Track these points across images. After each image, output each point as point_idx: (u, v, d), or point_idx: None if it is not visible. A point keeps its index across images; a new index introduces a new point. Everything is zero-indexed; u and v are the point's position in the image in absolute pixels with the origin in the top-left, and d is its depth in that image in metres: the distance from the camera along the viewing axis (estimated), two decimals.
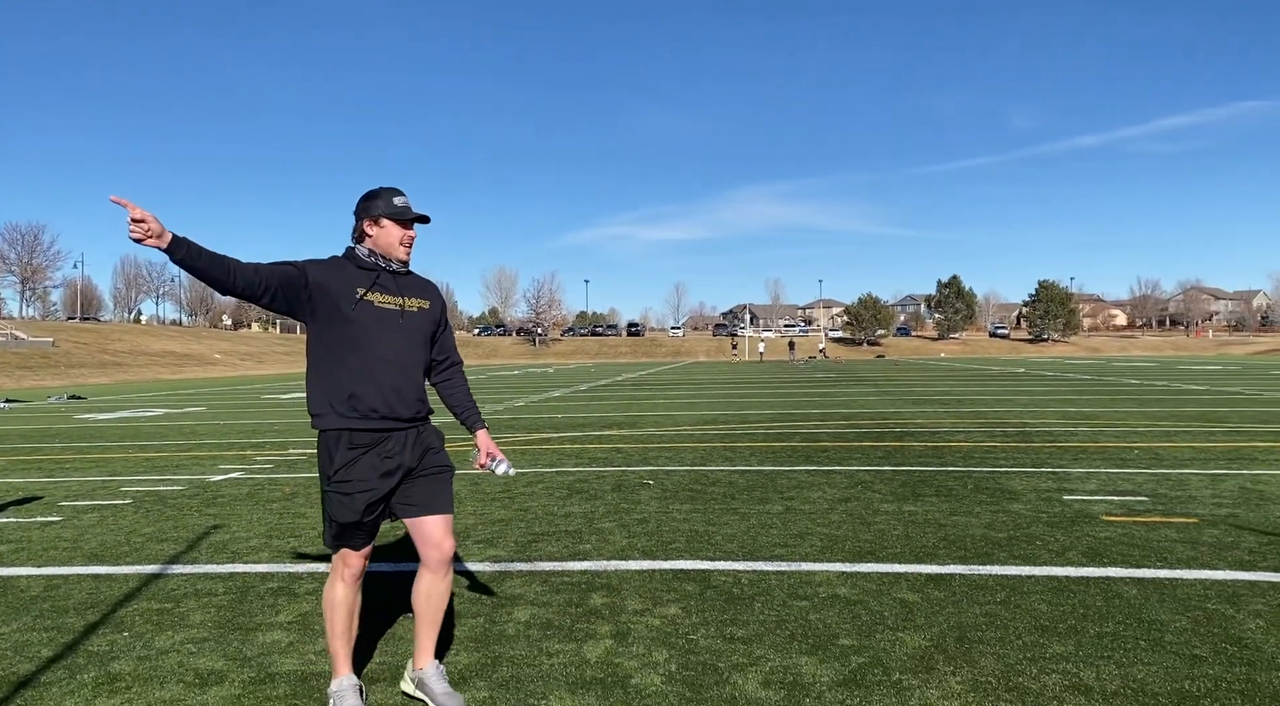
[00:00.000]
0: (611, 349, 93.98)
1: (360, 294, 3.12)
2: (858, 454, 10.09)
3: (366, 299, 3.13)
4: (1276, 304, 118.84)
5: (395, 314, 3.18)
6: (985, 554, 5.33)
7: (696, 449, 10.87)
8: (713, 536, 5.94)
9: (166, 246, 2.73)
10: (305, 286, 3.07)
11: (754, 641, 3.90)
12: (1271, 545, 5.42)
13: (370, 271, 3.18)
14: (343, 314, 3.08)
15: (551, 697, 3.33)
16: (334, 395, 3.09)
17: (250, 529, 6.46)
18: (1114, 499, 7.02)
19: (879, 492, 7.49)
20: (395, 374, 3.14)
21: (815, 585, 4.75)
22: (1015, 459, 9.44)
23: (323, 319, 3.11)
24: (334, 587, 3.25)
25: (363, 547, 3.22)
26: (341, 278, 3.13)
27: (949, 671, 3.51)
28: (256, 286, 2.94)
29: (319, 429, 3.13)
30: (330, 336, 3.11)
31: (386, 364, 3.12)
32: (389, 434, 3.15)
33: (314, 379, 3.16)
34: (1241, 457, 9.27)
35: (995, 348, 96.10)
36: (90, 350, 55.86)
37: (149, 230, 2.69)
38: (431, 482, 3.25)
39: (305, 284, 3.06)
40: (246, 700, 3.34)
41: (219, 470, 9.70)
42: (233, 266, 2.89)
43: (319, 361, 3.15)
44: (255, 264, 2.98)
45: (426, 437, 3.27)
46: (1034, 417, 14.46)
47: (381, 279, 3.19)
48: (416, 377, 3.24)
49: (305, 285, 3.07)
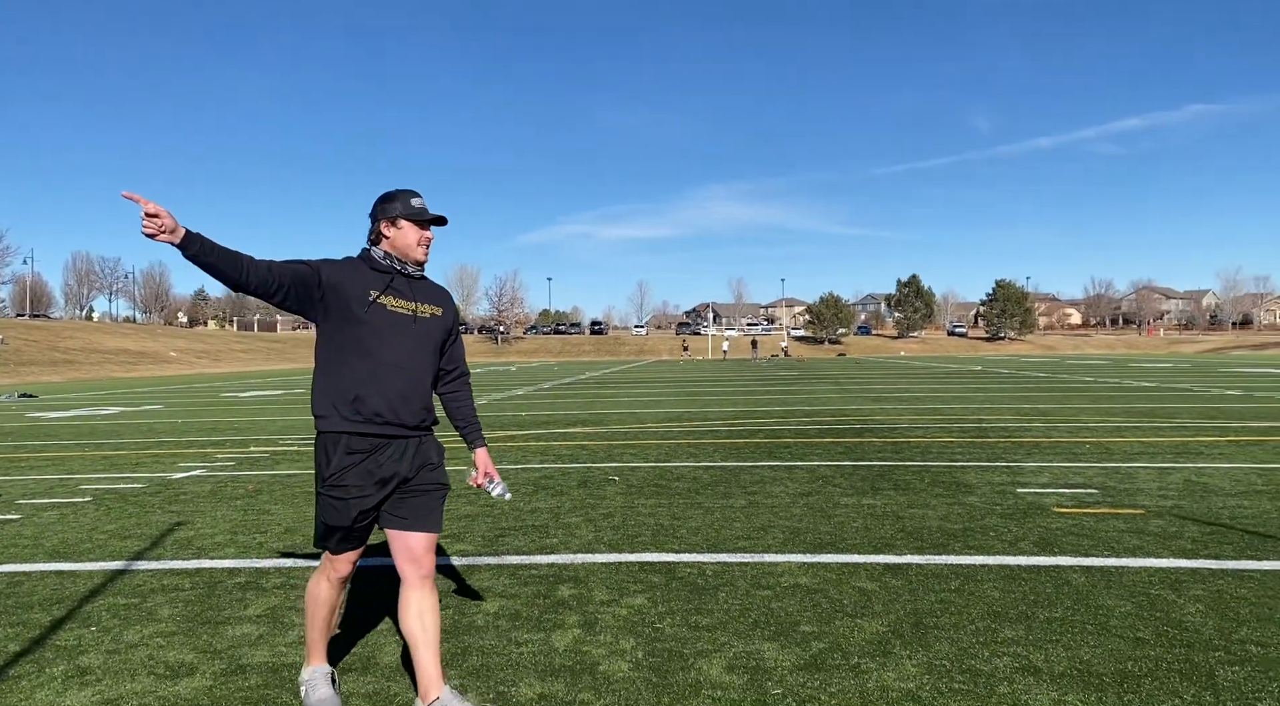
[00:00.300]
0: (575, 347, 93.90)
1: (374, 296, 3.06)
2: (819, 449, 10.26)
3: (379, 301, 3.07)
4: (1225, 303, 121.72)
5: (408, 318, 3.12)
6: (941, 544, 5.50)
7: (661, 445, 10.98)
8: (677, 530, 6.04)
9: (180, 242, 2.70)
10: (318, 285, 3.02)
11: (718, 629, 4.00)
12: (1212, 534, 5.64)
13: (385, 274, 3.12)
14: (354, 315, 3.03)
15: (521, 684, 3.41)
16: (338, 397, 3.04)
17: (215, 525, 6.44)
18: (1065, 491, 7.24)
19: (839, 486, 7.65)
20: (403, 379, 3.08)
21: (777, 575, 4.87)
22: (971, 453, 9.67)
23: (334, 319, 3.06)
24: (319, 584, 3.23)
25: (351, 552, 3.17)
26: (355, 278, 3.07)
27: (905, 655, 3.64)
28: (269, 284, 2.91)
29: (320, 430, 3.09)
30: (340, 338, 3.06)
31: (395, 368, 3.06)
32: (389, 441, 3.08)
33: (320, 380, 3.11)
34: (1188, 452, 9.58)
35: (954, 346, 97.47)
36: (41, 348, 54.67)
37: (162, 225, 2.65)
38: (425, 499, 3.15)
39: (319, 283, 3.02)
40: (218, 691, 3.38)
41: (180, 468, 9.62)
42: (246, 263, 2.86)
43: (327, 362, 3.10)
44: (269, 261, 2.94)
45: (426, 450, 3.18)
46: (990, 414, 14.77)
47: (396, 282, 3.13)
48: (425, 385, 3.17)
49: (318, 284, 3.02)
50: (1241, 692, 3.21)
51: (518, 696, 3.31)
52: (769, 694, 3.28)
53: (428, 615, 3.10)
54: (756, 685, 3.36)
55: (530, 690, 3.36)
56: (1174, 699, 3.17)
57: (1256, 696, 3.18)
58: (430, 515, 3.16)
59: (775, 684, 3.37)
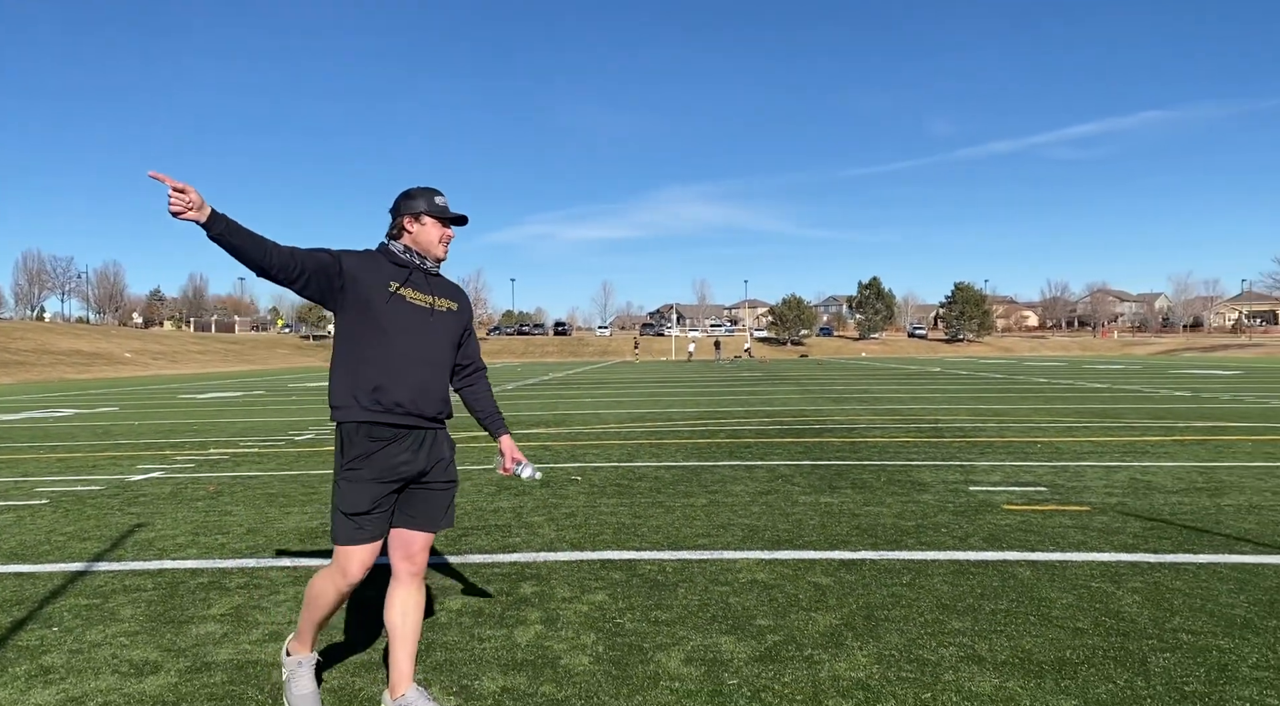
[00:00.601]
0: (538, 348, 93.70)
1: (394, 288, 3.10)
2: (779, 449, 10.43)
3: (399, 294, 3.10)
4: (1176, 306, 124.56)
5: (426, 312, 3.16)
6: (894, 540, 5.66)
7: (623, 446, 11.08)
8: (639, 528, 6.15)
9: (205, 220, 2.68)
10: (339, 274, 3.02)
11: (677, 623, 4.11)
12: (1153, 530, 5.87)
13: (404, 268, 3.16)
14: (374, 307, 3.06)
15: (484, 678, 3.50)
16: (359, 388, 3.05)
17: (176, 526, 6.43)
18: (1015, 489, 7.46)
19: (798, 485, 7.81)
20: (423, 370, 3.12)
21: (736, 571, 5.00)
22: (927, 453, 9.89)
23: (352, 310, 3.07)
24: (326, 586, 3.12)
25: (365, 546, 3.07)
26: (375, 271, 3.10)
27: (856, 646, 3.78)
28: (292, 269, 2.91)
29: (339, 421, 3.08)
30: (360, 329, 3.08)
31: (415, 360, 3.10)
32: (409, 431, 3.10)
33: (339, 370, 3.11)
34: (1134, 451, 9.88)
35: (914, 347, 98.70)
36: None
37: (189, 201, 2.64)
38: (436, 496, 3.19)
39: (339, 272, 3.03)
40: (184, 687, 3.42)
41: (138, 470, 9.54)
42: (270, 247, 2.85)
43: (346, 353, 3.11)
44: (292, 247, 2.93)
45: (440, 444, 3.21)
46: (946, 414, 15.07)
47: (414, 276, 3.17)
48: (443, 377, 3.21)
49: (339, 273, 3.02)
50: (1171, 678, 3.39)
51: (480, 690, 3.39)
52: (725, 684, 3.40)
53: (413, 612, 3.16)
54: (713, 676, 3.48)
55: (493, 683, 3.45)
56: (1108, 684, 3.34)
57: (1184, 680, 3.36)
58: (437, 515, 3.20)
59: (731, 675, 3.49)
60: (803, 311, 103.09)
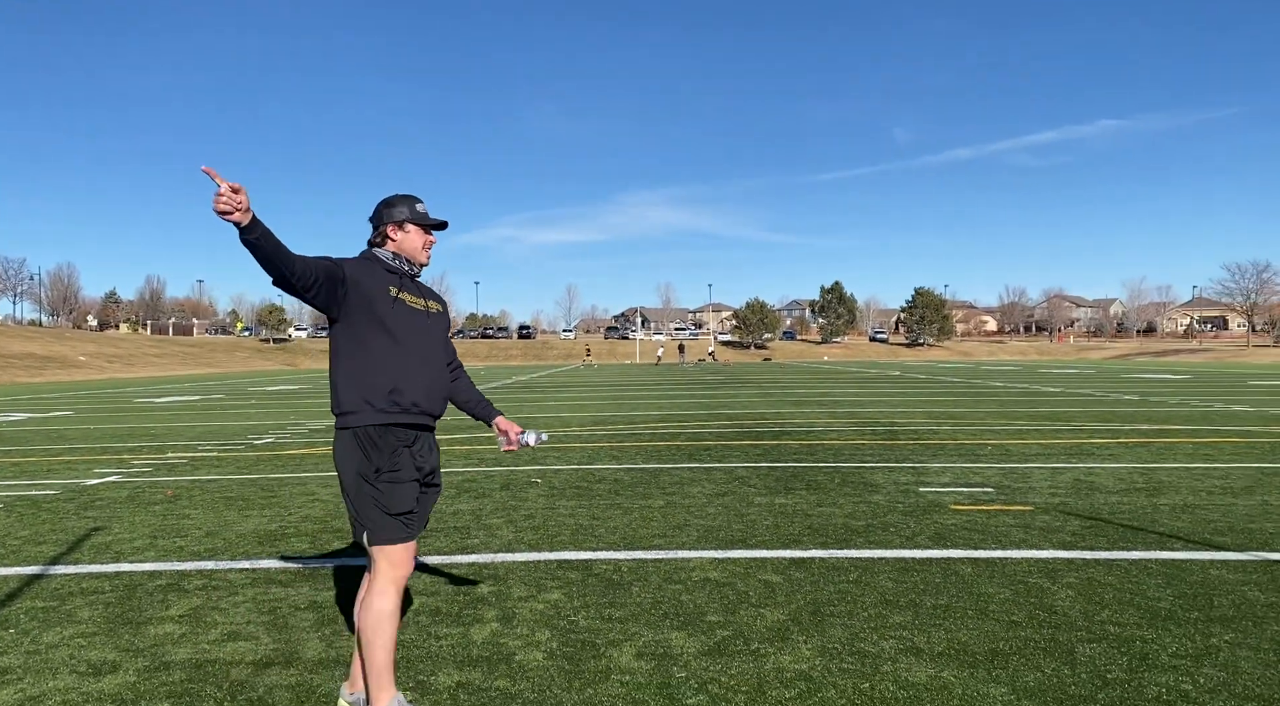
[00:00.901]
0: (502, 352, 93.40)
1: (394, 293, 3.18)
2: (738, 451, 10.60)
3: (400, 298, 3.19)
4: (1130, 311, 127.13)
5: (423, 315, 3.26)
6: (844, 539, 5.83)
7: (584, 449, 11.18)
8: (596, 529, 6.26)
9: (248, 223, 2.69)
10: (343, 282, 3.07)
11: (630, 620, 4.24)
12: (1091, 528, 6.10)
13: (396, 274, 3.24)
14: (378, 312, 3.12)
15: (440, 674, 3.59)
16: (372, 391, 3.08)
17: (134, 530, 6.43)
18: (963, 490, 7.69)
19: (754, 487, 7.97)
20: (430, 372, 3.22)
21: (689, 570, 5.13)
22: (881, 455, 10.12)
23: (355, 316, 3.11)
24: (384, 598, 3.07)
25: (412, 542, 3.14)
26: (374, 276, 3.17)
27: (802, 640, 3.93)
28: (308, 278, 2.94)
29: (353, 426, 3.09)
30: (365, 334, 3.12)
31: (423, 362, 3.20)
32: (421, 432, 3.20)
33: (346, 376, 3.13)
34: (1080, 453, 10.18)
35: (875, 351, 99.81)
36: None
37: (240, 202, 2.64)
38: (428, 498, 3.29)
39: (343, 279, 3.07)
40: (142, 686, 3.48)
41: (94, 474, 9.47)
42: (293, 256, 2.88)
43: (351, 358, 3.13)
44: (304, 255, 2.96)
45: (436, 447, 3.32)
46: (903, 417, 15.35)
47: (405, 281, 3.26)
48: (445, 377, 3.32)
49: (343, 280, 3.07)
50: (1095, 666, 3.57)
51: (436, 685, 3.49)
52: (674, 677, 3.52)
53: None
54: (663, 670, 3.60)
55: (449, 679, 3.54)
56: (1036, 673, 3.51)
57: (1108, 669, 3.54)
58: (428, 515, 3.34)
59: (680, 668, 3.62)
60: (766, 315, 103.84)
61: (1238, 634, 3.93)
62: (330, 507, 7.22)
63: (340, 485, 3.15)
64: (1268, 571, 4.96)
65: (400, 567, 3.10)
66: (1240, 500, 7.11)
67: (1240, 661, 3.61)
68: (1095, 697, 3.27)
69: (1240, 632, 3.95)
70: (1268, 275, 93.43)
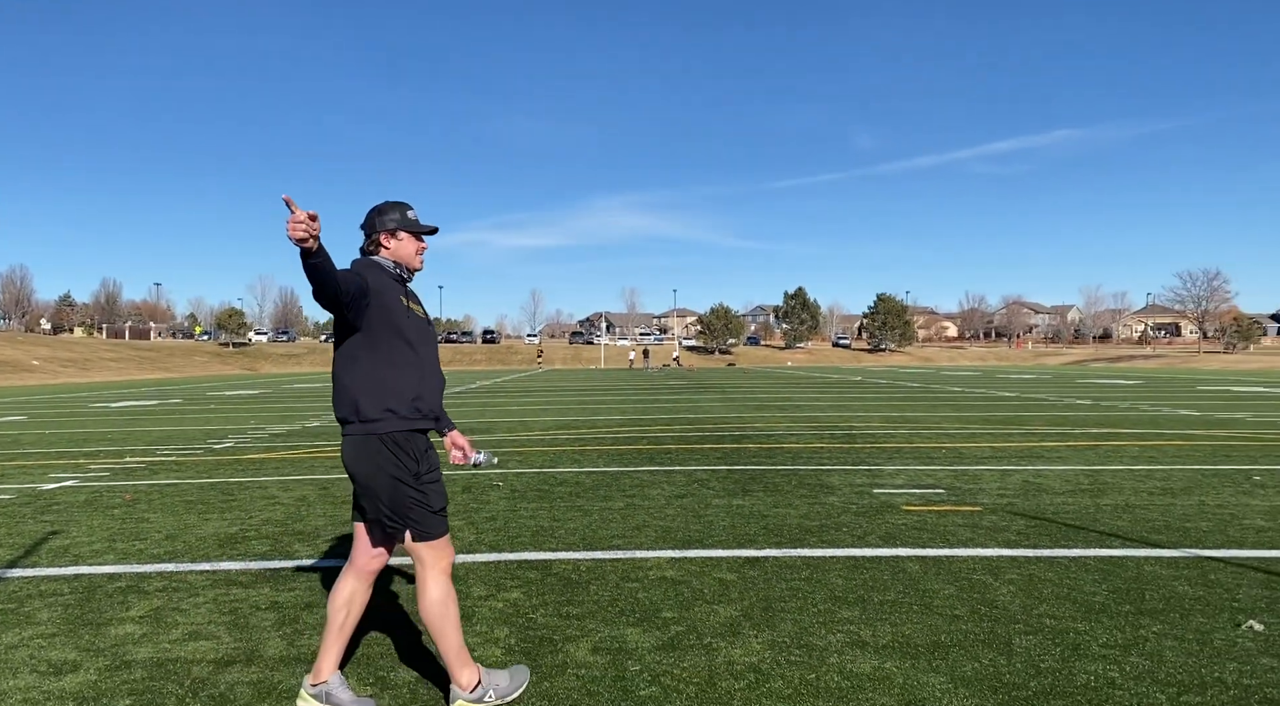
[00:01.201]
0: (466, 356, 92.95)
1: (405, 301, 3.26)
2: (698, 455, 10.74)
3: (409, 306, 3.28)
4: (1087, 318, 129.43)
5: (425, 322, 3.36)
6: (798, 539, 5.99)
7: (546, 452, 11.27)
8: (556, 530, 6.36)
9: (314, 248, 2.73)
10: (367, 293, 3.11)
11: (587, 617, 4.35)
12: (1035, 527, 6.31)
13: (399, 282, 3.32)
14: (396, 320, 3.19)
15: (400, 670, 3.68)
16: (395, 399, 3.15)
17: (92, 534, 6.42)
18: (916, 491, 7.89)
19: (713, 489, 8.11)
20: (438, 378, 3.34)
21: (646, 569, 5.25)
22: (838, 458, 10.32)
23: (376, 324, 3.16)
24: (438, 586, 3.24)
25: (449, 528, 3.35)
26: (388, 285, 3.23)
27: (753, 634, 4.07)
28: (352, 292, 3.00)
29: (378, 432, 3.13)
30: (385, 341, 3.17)
31: (433, 368, 3.32)
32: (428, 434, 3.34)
33: (366, 383, 3.15)
34: (1031, 456, 10.46)
35: (838, 357, 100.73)
36: None
37: (315, 229, 2.69)
38: None
39: (367, 290, 3.11)
40: (104, 684, 3.52)
41: (50, 479, 9.38)
42: (342, 274, 2.94)
43: (373, 366, 3.16)
44: (342, 269, 3.01)
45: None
46: (861, 421, 15.61)
47: (406, 289, 3.35)
48: (444, 381, 3.42)
49: (367, 292, 3.12)
50: (1030, 656, 3.75)
51: (396, 680, 3.58)
52: (628, 671, 3.64)
53: (357, 606, 3.36)
54: (617, 664, 3.72)
55: (408, 674, 3.63)
56: (974, 663, 3.68)
57: (1042, 659, 3.72)
58: None
59: (634, 662, 3.74)
60: (730, 321, 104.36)
61: (1165, 625, 4.14)
62: (290, 510, 7.24)
63: (360, 488, 3.20)
64: (1198, 567, 5.19)
65: (446, 557, 3.29)
66: (1179, 500, 7.38)
67: (1165, 651, 3.81)
68: (1028, 686, 3.44)
69: (1167, 624, 4.15)
70: (1218, 283, 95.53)
